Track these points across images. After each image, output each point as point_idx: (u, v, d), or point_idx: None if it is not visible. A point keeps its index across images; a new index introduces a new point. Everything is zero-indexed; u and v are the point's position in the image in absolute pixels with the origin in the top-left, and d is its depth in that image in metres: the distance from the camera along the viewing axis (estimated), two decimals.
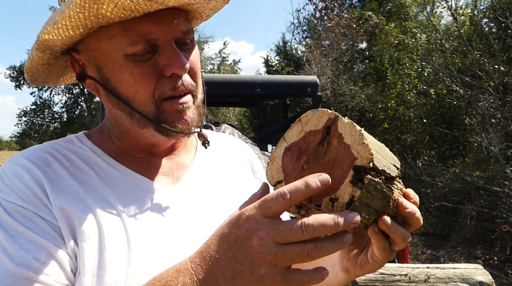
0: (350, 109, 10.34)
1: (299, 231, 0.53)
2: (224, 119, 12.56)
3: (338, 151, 0.58)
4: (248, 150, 1.02)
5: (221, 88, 3.63)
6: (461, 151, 8.48)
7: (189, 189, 0.83)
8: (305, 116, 0.63)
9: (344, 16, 12.61)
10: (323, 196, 0.57)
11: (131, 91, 0.74)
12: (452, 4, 7.79)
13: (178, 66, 0.73)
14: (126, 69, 0.73)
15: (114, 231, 0.71)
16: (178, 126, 0.76)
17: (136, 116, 0.76)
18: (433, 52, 8.24)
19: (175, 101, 0.76)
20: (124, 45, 0.72)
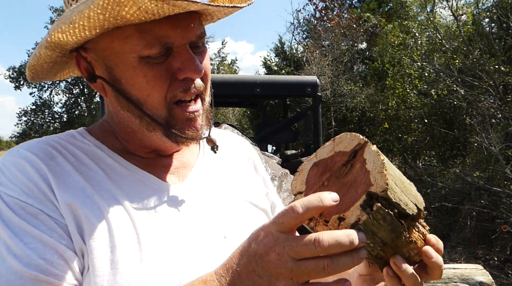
0: (350, 110, 10.34)
1: (312, 247, 0.54)
2: (224, 119, 12.56)
3: (358, 175, 0.61)
4: (249, 147, 1.02)
5: (221, 88, 3.63)
6: (461, 151, 8.48)
7: (195, 187, 0.82)
8: (339, 137, 0.67)
9: (344, 16, 12.61)
10: (333, 213, 0.60)
11: (143, 94, 0.73)
12: (453, 4, 7.79)
13: (193, 70, 0.73)
14: (140, 71, 0.72)
15: (123, 229, 0.69)
16: (188, 133, 0.76)
17: (146, 119, 0.75)
18: (434, 53, 8.24)
19: (186, 109, 0.75)
20: (139, 47, 0.70)
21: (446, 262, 6.17)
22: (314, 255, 0.54)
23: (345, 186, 0.62)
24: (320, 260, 0.54)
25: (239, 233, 0.78)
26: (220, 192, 0.84)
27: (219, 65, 18.60)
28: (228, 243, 0.76)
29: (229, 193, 0.85)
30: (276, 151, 4.53)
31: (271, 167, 3.15)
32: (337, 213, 0.59)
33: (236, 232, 0.79)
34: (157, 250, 0.70)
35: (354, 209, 0.58)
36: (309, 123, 3.94)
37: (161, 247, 0.70)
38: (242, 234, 0.77)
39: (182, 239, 0.73)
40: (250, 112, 12.52)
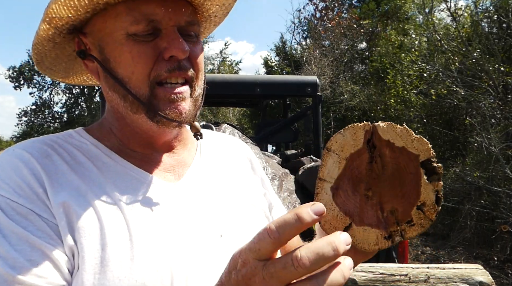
0: (350, 110, 10.34)
1: (292, 269, 0.45)
2: (224, 119, 12.56)
3: (396, 158, 0.53)
4: (247, 148, 1.01)
5: (221, 88, 3.63)
6: (461, 151, 8.48)
7: (191, 186, 0.81)
8: (335, 142, 0.55)
9: (344, 16, 12.61)
10: (408, 209, 0.52)
11: (127, 71, 0.73)
12: (452, 5, 7.79)
13: (177, 48, 0.72)
14: (126, 48, 0.73)
15: (116, 227, 0.69)
16: (169, 114, 0.74)
17: (129, 98, 0.75)
18: (434, 53, 8.23)
19: (170, 90, 0.74)
20: (126, 23, 0.72)
21: (446, 262, 6.17)
22: (299, 278, 0.46)
23: (394, 178, 0.53)
24: (306, 282, 0.46)
25: (235, 232, 0.78)
26: (216, 191, 0.83)
27: (219, 66, 18.60)
28: (224, 241, 0.75)
29: (226, 192, 0.84)
30: (276, 151, 4.53)
31: (271, 166, 3.15)
32: (412, 205, 0.52)
33: (232, 231, 0.78)
34: (149, 247, 0.69)
35: (425, 188, 0.51)
36: (309, 123, 3.94)
37: (153, 244, 0.69)
38: (239, 233, 0.78)
39: (175, 236, 0.72)
40: (250, 112, 12.52)
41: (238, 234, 0.77)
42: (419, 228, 0.52)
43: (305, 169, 3.20)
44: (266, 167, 3.09)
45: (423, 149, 0.52)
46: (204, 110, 13.10)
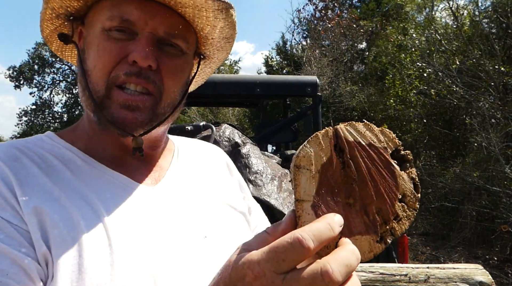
0: (350, 110, 10.34)
1: (322, 284, 0.41)
2: (224, 119, 12.56)
3: (366, 157, 0.51)
4: (223, 153, 1.00)
5: (221, 88, 3.63)
6: (461, 151, 8.48)
7: (170, 189, 0.78)
8: (302, 157, 0.51)
9: (344, 16, 12.61)
10: (392, 205, 0.50)
11: (91, 64, 0.73)
12: (453, 4, 7.79)
13: (140, 54, 0.70)
14: (97, 41, 0.72)
15: (93, 232, 0.65)
16: (118, 120, 0.71)
17: (86, 93, 0.73)
18: (433, 53, 8.24)
19: (126, 95, 0.71)
20: (104, 18, 0.72)
21: (446, 262, 6.17)
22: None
23: (371, 178, 0.51)
24: None
25: (219, 233, 0.76)
26: (196, 194, 0.81)
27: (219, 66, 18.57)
28: (208, 242, 0.73)
29: (206, 195, 0.82)
30: (276, 151, 4.53)
31: (271, 166, 3.15)
32: (394, 200, 0.50)
33: (216, 232, 0.76)
34: (130, 252, 0.65)
35: (401, 179, 0.50)
36: (309, 123, 3.94)
37: (134, 249, 0.66)
38: (223, 234, 0.76)
39: (157, 240, 0.69)
40: (250, 112, 12.52)
41: (222, 235, 0.76)
42: (407, 220, 0.51)
43: None
44: (266, 167, 3.09)
45: (389, 140, 0.51)
46: (204, 110, 13.09)
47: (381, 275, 1.81)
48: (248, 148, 3.13)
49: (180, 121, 12.70)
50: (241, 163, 3.05)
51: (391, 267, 1.85)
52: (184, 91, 0.80)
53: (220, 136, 3.15)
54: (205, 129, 3.18)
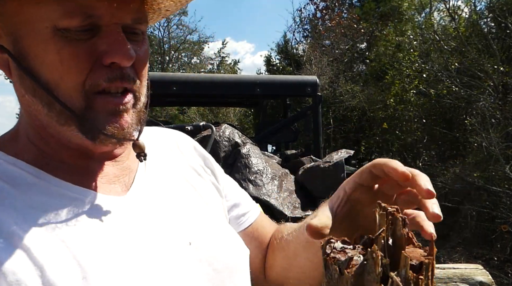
0: (350, 109, 10.34)
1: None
2: (224, 119, 12.56)
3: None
4: (184, 136, 0.89)
5: (221, 88, 3.64)
6: (461, 151, 8.48)
7: (143, 195, 0.69)
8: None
9: (345, 16, 12.62)
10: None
11: (54, 75, 0.59)
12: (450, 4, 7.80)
13: (121, 54, 0.59)
14: (54, 46, 0.58)
15: (62, 266, 0.54)
16: (109, 129, 0.61)
17: (56, 108, 0.60)
18: (432, 53, 8.24)
19: (111, 100, 0.61)
20: (55, 15, 0.57)
21: (446, 262, 6.17)
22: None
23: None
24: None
25: (203, 237, 0.69)
26: (171, 197, 0.72)
27: (219, 65, 18.61)
28: (193, 249, 0.67)
29: (180, 193, 0.74)
30: (276, 151, 4.53)
31: (271, 166, 3.15)
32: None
33: (198, 235, 0.69)
34: (111, 280, 0.56)
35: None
36: (309, 123, 3.95)
37: (115, 274, 0.57)
38: (208, 239, 0.69)
39: (138, 257, 0.60)
40: (250, 112, 12.52)
41: (206, 239, 0.69)
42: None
43: (305, 169, 3.20)
44: (266, 167, 3.09)
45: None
46: (204, 110, 13.09)
47: None
48: (248, 147, 3.13)
49: (180, 121, 12.70)
50: (241, 163, 3.06)
51: None
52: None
53: (220, 136, 3.16)
54: (205, 129, 3.18)
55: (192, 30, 19.39)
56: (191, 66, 19.43)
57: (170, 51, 19.30)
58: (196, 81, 3.67)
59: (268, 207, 2.78)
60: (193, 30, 19.46)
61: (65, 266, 0.54)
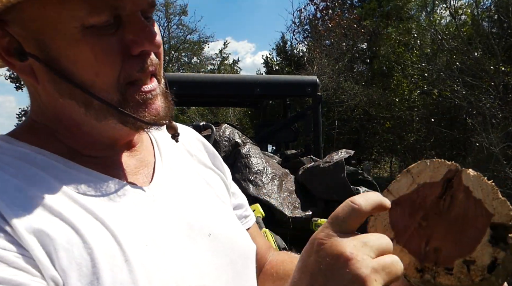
0: (352, 109, 10.34)
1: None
2: (224, 119, 12.56)
3: (467, 206, 0.51)
4: (194, 132, 0.91)
5: (221, 88, 3.63)
6: (462, 151, 8.48)
7: (164, 187, 0.70)
8: (416, 167, 0.56)
9: (345, 16, 12.61)
10: (453, 257, 0.49)
11: (90, 73, 0.59)
12: (452, 4, 7.79)
13: (150, 41, 0.60)
14: (86, 45, 0.57)
15: (106, 249, 0.56)
16: (146, 116, 0.62)
17: (95, 105, 0.61)
18: (437, 53, 8.24)
19: (140, 89, 0.62)
20: (82, 13, 0.56)
21: None
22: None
23: (455, 222, 0.51)
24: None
25: (222, 230, 0.71)
26: (189, 189, 0.74)
27: (220, 65, 18.61)
28: (213, 240, 0.69)
29: (197, 187, 0.76)
30: (276, 151, 4.53)
31: (271, 166, 3.15)
32: (460, 256, 0.49)
33: (217, 227, 0.71)
34: (147, 265, 0.58)
35: (483, 247, 0.48)
36: (309, 123, 3.94)
37: (151, 260, 0.59)
38: (225, 231, 0.71)
39: (173, 246, 0.63)
40: (251, 112, 12.52)
41: (223, 231, 0.72)
42: (455, 280, 0.49)
43: (305, 169, 3.20)
44: (266, 167, 3.08)
45: (502, 212, 0.49)
46: (204, 110, 13.10)
47: None
48: (248, 147, 3.13)
49: (180, 121, 12.71)
50: (241, 163, 3.05)
51: None
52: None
53: (220, 136, 3.15)
54: (205, 129, 3.18)
55: (192, 30, 19.41)
56: (191, 66, 19.43)
57: (170, 51, 19.29)
58: (196, 81, 3.67)
59: (268, 207, 2.78)
60: (193, 30, 19.48)
61: (110, 247, 0.56)
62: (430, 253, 0.51)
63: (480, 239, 0.49)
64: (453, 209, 0.52)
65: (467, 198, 0.51)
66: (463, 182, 0.52)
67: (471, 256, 0.49)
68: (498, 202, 0.49)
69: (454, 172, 0.53)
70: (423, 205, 0.54)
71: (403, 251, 0.53)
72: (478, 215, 0.50)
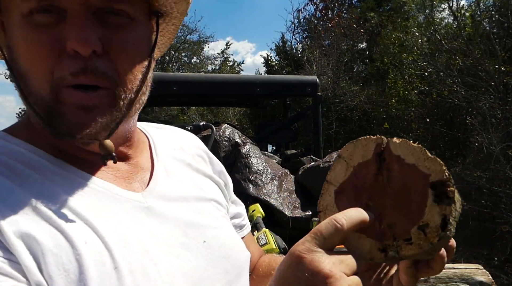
0: (351, 109, 10.33)
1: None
2: (224, 119, 12.56)
3: (404, 175, 0.52)
4: (199, 141, 0.89)
5: (221, 88, 3.63)
6: (461, 151, 8.47)
7: (159, 193, 0.68)
8: (346, 150, 0.56)
9: (344, 16, 12.61)
10: (408, 227, 0.50)
11: (25, 65, 0.56)
12: (453, 4, 7.79)
13: (75, 38, 0.53)
14: (21, 33, 0.55)
15: (95, 254, 0.54)
16: (75, 126, 0.56)
17: (30, 101, 0.58)
18: (435, 53, 8.24)
19: (78, 94, 0.56)
20: (19, 0, 0.54)
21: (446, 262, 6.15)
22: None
23: (398, 193, 0.52)
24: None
25: (216, 238, 0.70)
26: (187, 196, 0.72)
27: (221, 66, 18.61)
28: (208, 247, 0.68)
29: (196, 196, 0.74)
30: (276, 151, 4.53)
31: (271, 166, 3.15)
32: (413, 224, 0.50)
33: (213, 237, 0.70)
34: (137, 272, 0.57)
35: (430, 209, 0.49)
36: (309, 123, 3.94)
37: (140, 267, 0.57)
38: (220, 240, 0.71)
39: (161, 254, 0.61)
40: (251, 112, 12.52)
41: (218, 239, 0.71)
42: (417, 248, 0.50)
43: (305, 169, 3.20)
44: (266, 167, 3.09)
45: (436, 170, 0.50)
46: (204, 110, 13.09)
47: None
48: (248, 147, 3.13)
49: (180, 121, 12.70)
50: (241, 163, 3.06)
51: None
52: (147, 67, 0.63)
53: (220, 136, 3.15)
54: (205, 129, 3.18)
55: (192, 30, 19.39)
56: (191, 66, 19.42)
57: (170, 51, 19.28)
58: (196, 81, 3.67)
59: (268, 207, 2.78)
60: (193, 30, 19.44)
61: (99, 254, 0.54)
62: (386, 230, 0.52)
63: (425, 202, 0.50)
64: (392, 181, 0.53)
65: (401, 166, 0.52)
66: (393, 152, 0.53)
67: (422, 220, 0.50)
68: (430, 161, 0.50)
69: (382, 144, 0.54)
70: (364, 186, 0.54)
71: (361, 237, 0.54)
72: (416, 179, 0.51)
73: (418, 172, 0.51)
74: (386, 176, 0.53)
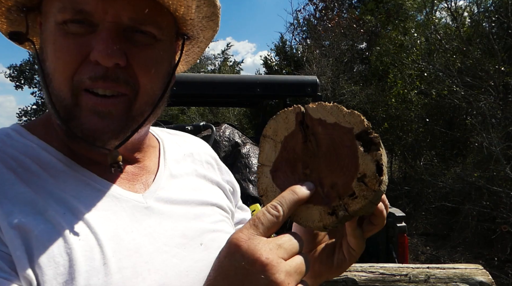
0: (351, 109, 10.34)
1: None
2: (224, 119, 12.56)
3: (329, 135, 0.54)
4: (210, 149, 0.93)
5: (221, 88, 3.63)
6: (462, 151, 8.48)
7: (160, 196, 0.70)
8: (269, 128, 0.58)
9: (344, 16, 12.61)
10: (348, 182, 0.52)
11: (51, 66, 0.61)
12: (452, 4, 7.79)
13: (100, 52, 0.58)
14: (52, 38, 0.61)
15: (87, 251, 0.56)
16: (87, 131, 0.60)
17: (53, 99, 0.62)
18: (434, 53, 8.24)
19: (94, 98, 0.60)
20: (55, 10, 0.60)
21: (447, 262, 6.17)
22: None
23: (330, 153, 0.53)
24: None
25: (216, 241, 0.71)
26: (189, 199, 0.74)
27: (221, 66, 18.60)
28: (205, 249, 0.69)
29: (199, 200, 0.76)
30: None
31: None
32: (352, 177, 0.52)
33: (211, 240, 0.71)
34: (126, 270, 0.58)
35: (363, 159, 0.51)
36: None
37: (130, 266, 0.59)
38: (217, 240, 0.71)
39: (154, 255, 0.62)
40: (250, 112, 12.52)
41: (216, 242, 0.71)
42: (363, 199, 0.51)
43: None
44: None
45: (356, 121, 0.52)
46: (204, 110, 13.09)
47: (381, 275, 1.80)
48: (248, 148, 3.13)
49: (180, 121, 12.70)
50: (241, 163, 3.06)
51: (391, 267, 1.85)
52: (166, 83, 0.68)
53: (220, 136, 3.16)
54: (205, 129, 3.18)
55: None
56: (191, 66, 19.40)
57: None
58: (196, 81, 3.68)
59: None
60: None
61: (90, 249, 0.57)
62: (330, 192, 0.54)
63: (356, 153, 0.52)
64: (321, 143, 0.54)
65: (325, 127, 0.54)
66: (314, 117, 0.55)
67: (359, 172, 0.51)
68: (349, 116, 0.53)
69: (301, 113, 0.56)
70: (296, 157, 0.55)
71: (309, 207, 0.55)
72: (342, 135, 0.53)
73: (341, 128, 0.53)
74: (313, 141, 0.55)
